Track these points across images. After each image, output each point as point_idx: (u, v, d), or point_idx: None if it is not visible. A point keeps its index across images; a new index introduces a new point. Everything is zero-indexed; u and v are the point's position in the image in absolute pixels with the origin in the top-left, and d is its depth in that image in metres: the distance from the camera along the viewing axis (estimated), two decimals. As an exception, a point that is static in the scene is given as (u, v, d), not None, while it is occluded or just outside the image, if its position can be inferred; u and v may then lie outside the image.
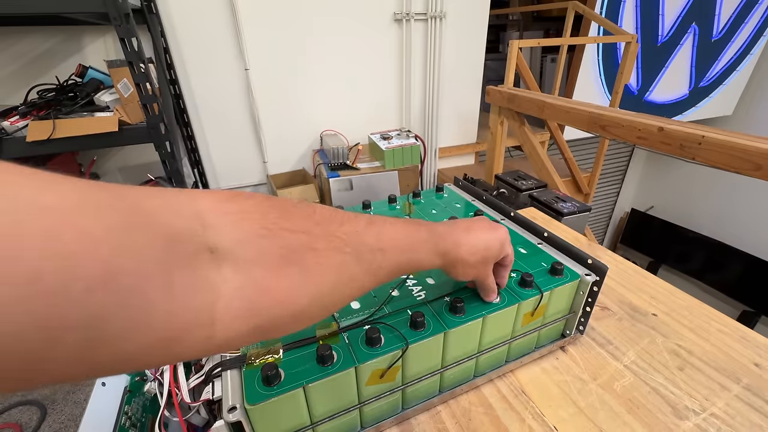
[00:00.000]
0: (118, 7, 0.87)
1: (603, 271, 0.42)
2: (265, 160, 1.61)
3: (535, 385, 0.43)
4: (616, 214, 3.69)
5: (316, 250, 0.23)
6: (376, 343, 0.34)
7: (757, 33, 2.46)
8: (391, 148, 1.41)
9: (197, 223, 0.19)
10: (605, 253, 0.68)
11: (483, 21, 1.72)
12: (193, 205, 0.19)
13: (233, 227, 0.20)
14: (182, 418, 0.35)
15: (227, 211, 0.20)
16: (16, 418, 1.16)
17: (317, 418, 0.33)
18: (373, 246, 0.26)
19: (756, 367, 0.45)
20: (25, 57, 1.23)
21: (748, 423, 0.39)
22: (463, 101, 1.88)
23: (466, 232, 0.34)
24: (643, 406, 0.40)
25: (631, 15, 2.06)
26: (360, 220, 0.27)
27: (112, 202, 0.15)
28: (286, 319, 0.22)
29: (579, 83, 2.10)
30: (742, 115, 2.78)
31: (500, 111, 1.45)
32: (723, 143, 0.77)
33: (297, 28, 1.45)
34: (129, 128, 1.04)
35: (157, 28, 1.24)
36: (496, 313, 0.39)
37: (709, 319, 0.53)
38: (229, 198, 0.21)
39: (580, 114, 1.07)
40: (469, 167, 2.03)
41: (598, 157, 1.96)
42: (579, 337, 0.49)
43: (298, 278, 0.22)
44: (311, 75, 1.55)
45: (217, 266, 0.19)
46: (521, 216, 0.55)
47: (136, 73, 0.95)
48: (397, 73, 1.68)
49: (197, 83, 1.41)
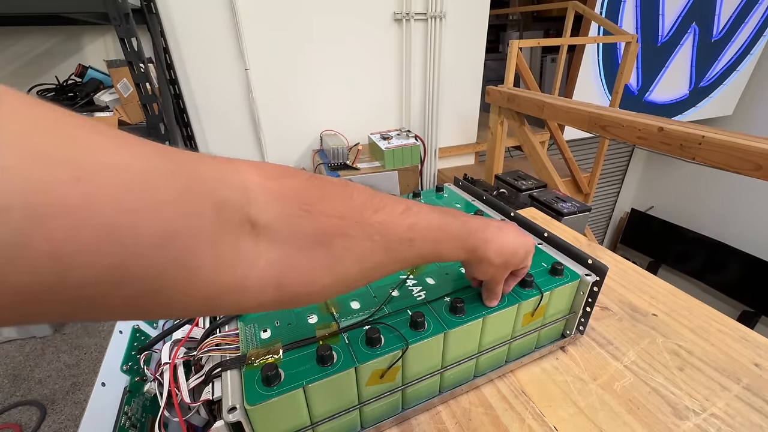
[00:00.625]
0: (118, 7, 0.87)
1: (603, 271, 0.42)
2: (265, 159, 1.61)
3: (535, 385, 0.43)
4: (616, 214, 3.69)
5: (346, 236, 0.23)
6: (376, 343, 0.34)
7: (757, 33, 2.46)
8: (391, 148, 1.41)
9: (243, 195, 0.19)
10: (605, 253, 0.68)
11: (483, 21, 1.72)
12: (240, 176, 0.20)
13: (274, 205, 0.21)
14: (182, 419, 0.35)
15: (271, 189, 0.21)
16: (16, 418, 1.16)
17: (317, 418, 0.33)
18: (403, 236, 0.26)
19: (756, 367, 0.45)
20: (25, 57, 1.23)
21: (748, 423, 0.39)
22: (463, 101, 1.87)
23: (498, 232, 0.34)
24: (643, 406, 0.40)
25: (631, 15, 2.06)
26: (396, 208, 0.27)
27: (173, 167, 0.17)
28: (305, 296, 0.23)
29: (579, 83, 2.10)
30: (742, 115, 2.78)
31: (500, 111, 1.45)
32: (723, 143, 0.77)
33: (297, 28, 1.45)
34: (129, 128, 1.04)
35: (157, 28, 1.24)
36: (496, 314, 0.39)
37: (709, 319, 0.53)
38: (275, 175, 0.22)
39: (580, 114, 1.07)
40: (469, 167, 2.03)
41: (598, 157, 1.96)
42: (579, 337, 0.49)
43: (324, 261, 0.23)
44: (311, 75, 1.55)
45: (255, 239, 0.20)
46: (521, 216, 0.55)
47: (135, 73, 0.95)
48: (397, 73, 1.68)
49: (197, 83, 1.41)
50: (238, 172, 0.20)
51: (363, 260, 0.25)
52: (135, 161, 0.15)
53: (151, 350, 0.44)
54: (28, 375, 1.32)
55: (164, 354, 0.38)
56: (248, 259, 0.20)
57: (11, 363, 1.36)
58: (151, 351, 0.44)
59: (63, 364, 1.37)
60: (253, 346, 0.34)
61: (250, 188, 0.20)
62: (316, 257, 0.22)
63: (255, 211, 0.20)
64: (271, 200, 0.21)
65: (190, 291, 0.17)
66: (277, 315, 0.38)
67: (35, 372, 1.33)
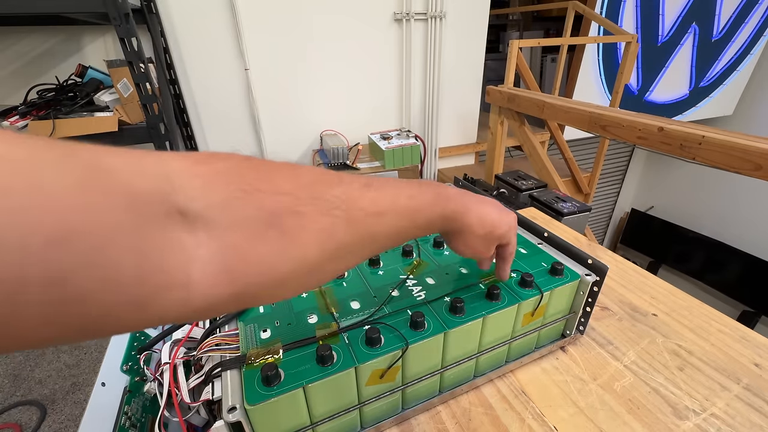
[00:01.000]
0: (118, 7, 0.87)
1: (603, 271, 0.42)
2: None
3: (535, 385, 0.43)
4: (616, 214, 3.69)
5: (299, 213, 0.21)
6: (376, 343, 0.34)
7: (757, 33, 2.46)
8: (391, 148, 1.41)
9: (165, 185, 0.18)
10: (605, 253, 0.68)
11: (483, 21, 1.72)
12: (161, 165, 0.18)
13: (205, 190, 0.19)
14: (182, 419, 0.35)
15: (198, 173, 0.19)
16: (16, 418, 1.16)
17: (317, 418, 0.33)
18: (368, 210, 0.24)
19: (756, 367, 0.45)
20: (25, 57, 1.23)
21: (748, 423, 0.39)
22: (463, 101, 1.87)
23: (477, 201, 0.32)
24: (643, 406, 0.40)
25: (631, 15, 2.06)
26: (354, 183, 0.24)
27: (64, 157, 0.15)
28: (267, 286, 0.21)
29: (579, 83, 2.10)
30: (742, 115, 2.78)
31: (500, 111, 1.45)
32: (723, 143, 0.77)
33: (297, 29, 1.45)
34: (129, 128, 1.04)
35: (157, 28, 1.24)
36: (496, 314, 0.39)
37: (709, 319, 0.53)
38: (202, 160, 0.20)
39: (580, 114, 1.07)
40: (469, 167, 2.03)
41: (598, 157, 1.96)
42: (579, 337, 0.49)
43: (277, 243, 0.21)
44: (311, 75, 1.55)
45: (190, 229, 0.18)
46: (521, 216, 0.55)
47: (135, 73, 0.95)
48: (397, 73, 1.68)
49: (197, 83, 1.41)
50: (159, 162, 0.18)
51: (324, 239, 0.22)
52: (16, 150, 0.13)
53: (151, 350, 0.44)
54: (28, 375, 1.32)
55: (164, 354, 0.38)
56: (183, 250, 0.18)
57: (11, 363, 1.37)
58: (151, 351, 0.44)
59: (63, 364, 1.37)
60: (253, 345, 0.34)
61: (174, 175, 0.18)
62: (267, 241, 0.20)
63: (183, 199, 0.18)
64: (201, 185, 0.19)
65: (115, 293, 0.15)
66: (277, 315, 0.38)
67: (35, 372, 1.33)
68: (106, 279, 0.15)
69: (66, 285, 0.14)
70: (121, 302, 0.16)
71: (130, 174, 0.17)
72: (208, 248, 0.18)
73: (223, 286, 0.19)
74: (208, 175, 0.19)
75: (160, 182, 0.18)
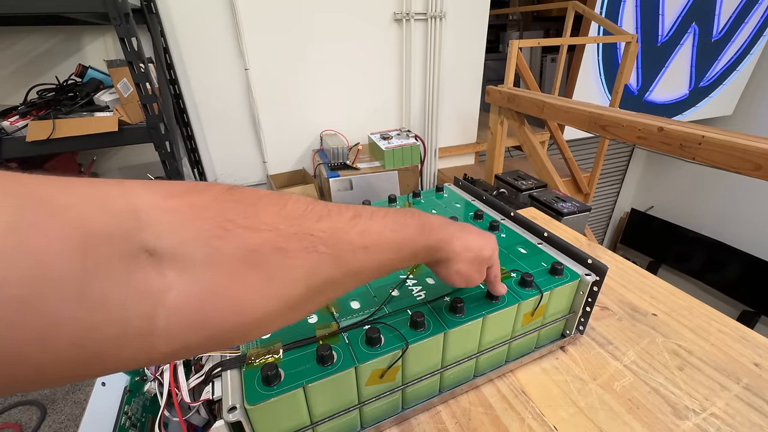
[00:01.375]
0: (118, 7, 0.87)
1: (603, 271, 0.42)
2: (265, 159, 1.61)
3: (535, 385, 0.43)
4: (616, 214, 3.69)
5: (283, 250, 0.20)
6: (376, 343, 0.34)
7: (757, 33, 2.46)
8: (391, 148, 1.41)
9: (130, 221, 0.16)
10: (605, 253, 0.68)
11: (483, 21, 1.72)
12: (127, 199, 0.17)
13: (177, 227, 0.17)
14: (182, 418, 0.35)
15: (170, 208, 0.18)
16: (16, 418, 1.16)
17: (317, 418, 0.33)
18: (355, 244, 0.24)
19: (756, 367, 0.45)
20: (25, 57, 1.23)
21: (748, 423, 0.39)
22: (463, 101, 1.88)
23: (460, 229, 0.32)
24: (643, 406, 0.40)
25: (631, 15, 2.06)
26: (343, 215, 0.24)
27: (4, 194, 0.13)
28: (246, 327, 0.20)
29: (579, 83, 2.10)
30: (742, 115, 2.78)
31: (500, 111, 1.45)
32: (723, 143, 0.77)
33: (297, 29, 1.45)
34: (129, 128, 1.04)
35: (157, 28, 1.24)
36: (496, 313, 0.39)
37: (709, 319, 0.53)
38: (176, 193, 0.18)
39: (580, 114, 1.07)
40: (469, 167, 2.03)
41: (598, 157, 1.96)
42: (579, 337, 0.49)
43: (259, 283, 0.19)
44: (311, 75, 1.55)
45: (159, 271, 0.16)
46: (521, 216, 0.55)
47: (135, 73, 0.95)
48: (397, 73, 1.68)
49: (197, 83, 1.41)
50: (124, 194, 0.17)
51: (310, 276, 0.21)
52: None
53: (151, 350, 0.44)
54: (28, 375, 1.32)
55: (164, 354, 0.38)
56: (149, 296, 0.16)
57: (11, 363, 1.36)
58: (151, 351, 0.44)
59: (63, 364, 1.37)
60: (253, 345, 0.35)
61: (142, 210, 0.17)
62: (247, 281, 0.19)
63: (151, 237, 0.16)
64: (174, 221, 0.17)
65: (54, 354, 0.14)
66: (277, 315, 0.38)
67: (35, 372, 1.33)
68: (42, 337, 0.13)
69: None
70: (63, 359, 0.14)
71: (86, 210, 0.15)
72: (178, 291, 0.17)
73: (194, 330, 0.18)
74: (182, 210, 0.18)
75: (123, 219, 0.16)
